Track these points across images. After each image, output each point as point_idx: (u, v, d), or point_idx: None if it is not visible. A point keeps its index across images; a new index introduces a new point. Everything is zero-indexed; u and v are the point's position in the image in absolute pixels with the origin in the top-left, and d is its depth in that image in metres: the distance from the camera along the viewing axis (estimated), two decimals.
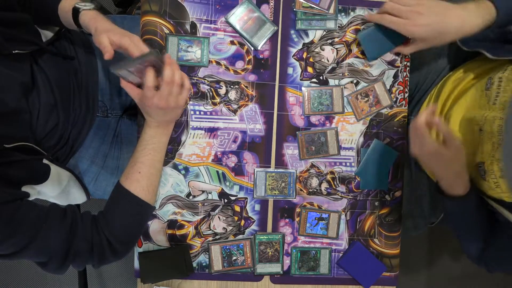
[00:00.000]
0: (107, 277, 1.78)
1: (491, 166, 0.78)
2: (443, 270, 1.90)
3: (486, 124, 0.81)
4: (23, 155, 0.77)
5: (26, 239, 0.72)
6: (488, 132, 0.80)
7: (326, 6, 0.95)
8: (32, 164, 0.80)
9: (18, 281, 1.76)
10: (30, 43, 0.83)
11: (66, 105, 0.93)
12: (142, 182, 0.84)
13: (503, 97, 0.80)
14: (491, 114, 0.81)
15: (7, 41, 0.78)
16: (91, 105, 1.02)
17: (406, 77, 0.99)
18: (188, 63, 0.94)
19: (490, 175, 0.79)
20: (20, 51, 0.80)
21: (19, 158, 0.76)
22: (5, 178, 0.72)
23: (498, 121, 0.78)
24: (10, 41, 0.79)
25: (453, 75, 0.99)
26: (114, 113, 1.10)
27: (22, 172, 0.76)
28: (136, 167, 0.85)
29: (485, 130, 0.81)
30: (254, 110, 0.96)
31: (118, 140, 1.09)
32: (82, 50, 1.01)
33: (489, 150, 0.80)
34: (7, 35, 0.78)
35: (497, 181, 0.78)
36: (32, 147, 0.80)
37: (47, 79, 0.87)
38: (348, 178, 0.98)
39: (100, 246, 0.80)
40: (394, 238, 1.00)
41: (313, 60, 0.97)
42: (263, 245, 0.96)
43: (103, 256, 0.81)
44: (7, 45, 0.77)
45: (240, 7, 0.94)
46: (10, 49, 0.78)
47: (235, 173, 0.96)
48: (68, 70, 0.95)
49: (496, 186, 0.78)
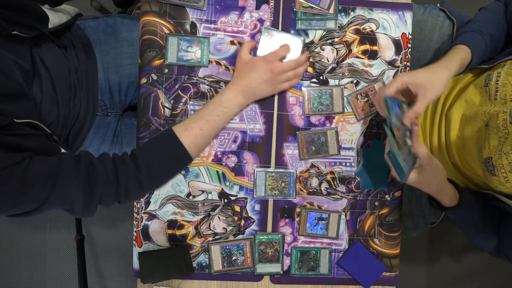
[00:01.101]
0: (107, 277, 1.78)
1: (499, 160, 0.78)
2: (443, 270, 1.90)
3: (492, 119, 0.81)
4: (34, 130, 0.77)
5: (44, 193, 0.74)
6: (494, 126, 0.80)
7: (326, 6, 0.95)
8: (43, 139, 0.80)
9: (18, 281, 1.76)
10: (31, 28, 0.83)
11: (66, 101, 0.93)
12: (199, 140, 0.85)
13: (503, 92, 0.80)
14: (494, 109, 0.81)
15: (7, 22, 0.78)
16: (91, 103, 1.02)
17: None
18: (188, 63, 0.94)
19: (499, 170, 0.79)
20: (20, 33, 0.79)
21: (30, 132, 0.76)
22: (15, 145, 0.73)
23: (502, 115, 0.79)
24: (10, 23, 0.78)
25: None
26: (114, 112, 1.10)
27: (34, 144, 0.76)
28: (200, 123, 0.85)
29: (491, 125, 0.81)
30: (254, 110, 0.96)
31: (118, 140, 1.09)
32: (82, 49, 1.01)
33: (495, 144, 0.80)
34: (7, 17, 0.78)
35: (506, 175, 0.78)
36: (41, 127, 0.79)
37: (48, 72, 0.87)
38: (348, 178, 0.98)
39: (126, 186, 0.81)
40: (394, 238, 1.00)
41: (313, 60, 0.97)
42: (263, 245, 0.96)
43: (130, 195, 0.83)
44: (6, 25, 0.77)
45: (262, 39, 0.94)
46: (9, 29, 0.77)
47: (235, 173, 0.96)
48: (68, 67, 0.95)
49: (506, 180, 0.79)
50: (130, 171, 0.81)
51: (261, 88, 0.89)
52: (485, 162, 0.82)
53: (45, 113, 0.85)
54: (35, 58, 0.85)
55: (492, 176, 0.81)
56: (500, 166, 0.79)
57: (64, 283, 1.77)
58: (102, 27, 1.06)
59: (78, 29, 1.03)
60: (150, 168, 0.82)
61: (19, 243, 1.74)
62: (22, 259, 1.75)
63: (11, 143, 0.72)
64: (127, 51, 1.07)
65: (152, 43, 0.93)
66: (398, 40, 0.98)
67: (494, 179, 0.81)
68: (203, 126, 0.85)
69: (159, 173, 0.86)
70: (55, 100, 0.88)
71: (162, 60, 0.93)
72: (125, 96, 1.11)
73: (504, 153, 0.78)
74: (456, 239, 1.89)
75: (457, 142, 0.93)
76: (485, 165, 0.82)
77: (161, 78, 0.94)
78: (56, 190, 0.74)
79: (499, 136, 0.80)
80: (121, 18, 1.10)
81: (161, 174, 0.87)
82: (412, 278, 1.89)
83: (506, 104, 0.80)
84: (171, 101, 0.94)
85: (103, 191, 0.79)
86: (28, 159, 0.73)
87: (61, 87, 0.91)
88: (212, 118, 0.86)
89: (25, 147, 0.74)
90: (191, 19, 0.94)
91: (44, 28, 0.87)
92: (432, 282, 1.90)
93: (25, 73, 0.80)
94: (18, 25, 0.80)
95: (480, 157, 0.84)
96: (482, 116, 0.84)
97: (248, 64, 0.89)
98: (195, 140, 0.85)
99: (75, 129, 0.97)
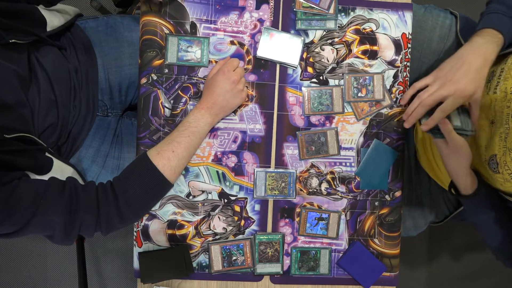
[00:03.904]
0: (107, 277, 1.78)
1: (504, 157, 0.78)
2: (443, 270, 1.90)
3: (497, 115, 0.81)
4: (25, 145, 0.77)
5: (26, 216, 0.73)
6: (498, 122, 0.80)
7: (326, 6, 0.95)
8: (34, 154, 0.80)
9: (18, 281, 1.76)
10: (29, 33, 0.83)
11: (66, 103, 0.93)
12: (172, 162, 0.85)
13: (504, 85, 0.80)
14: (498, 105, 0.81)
15: (5, 31, 0.77)
16: (91, 104, 1.02)
17: (406, 77, 0.99)
18: (188, 63, 0.94)
19: (503, 167, 0.78)
20: (18, 41, 0.79)
21: (21, 148, 0.76)
22: (5, 164, 0.72)
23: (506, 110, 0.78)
24: (7, 31, 0.78)
25: None
26: (114, 113, 1.10)
27: (24, 160, 0.76)
28: (172, 146, 0.85)
29: (497, 122, 0.81)
30: (254, 110, 0.96)
31: (118, 140, 1.09)
32: (82, 50, 1.01)
33: (497, 141, 0.80)
34: (5, 25, 0.78)
35: (511, 172, 0.78)
36: (33, 139, 0.80)
37: (46, 75, 0.87)
38: (348, 178, 0.98)
39: (107, 215, 0.80)
40: (394, 238, 1.00)
41: (313, 60, 0.97)
42: (263, 245, 0.96)
43: (111, 224, 0.82)
44: (3, 35, 0.77)
45: (262, 39, 0.94)
46: (6, 38, 0.77)
47: (235, 173, 0.96)
48: (68, 68, 0.95)
49: (511, 177, 0.78)
50: (109, 199, 0.80)
51: (227, 99, 0.89)
52: (489, 160, 0.82)
53: (42, 117, 0.85)
54: (34, 62, 0.85)
55: (496, 174, 0.80)
56: (504, 163, 0.78)
57: (64, 283, 1.77)
58: (102, 27, 1.06)
59: (78, 29, 1.03)
60: (127, 193, 0.82)
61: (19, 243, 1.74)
62: (22, 259, 1.75)
63: (1, 162, 0.71)
64: (127, 51, 1.07)
65: (152, 43, 0.93)
66: (398, 40, 0.98)
67: (498, 177, 0.80)
68: (175, 148, 0.85)
69: (137, 199, 0.84)
70: (53, 103, 0.88)
71: (162, 60, 0.93)
72: (125, 96, 1.11)
73: (509, 150, 0.77)
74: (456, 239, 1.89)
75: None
76: (489, 163, 0.82)
77: (161, 78, 0.94)
78: (37, 215, 0.74)
79: (500, 132, 0.79)
80: (121, 18, 1.09)
81: (139, 200, 0.84)
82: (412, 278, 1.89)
83: (506, 97, 0.79)
84: (171, 101, 0.94)
85: (84, 218, 0.79)
86: (16, 180, 0.73)
87: (61, 89, 0.90)
88: (182, 139, 0.86)
89: (16, 165, 0.74)
90: (191, 19, 0.94)
91: (43, 32, 0.87)
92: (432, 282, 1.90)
93: (22, 80, 0.80)
94: (16, 32, 0.80)
95: (486, 156, 0.83)
96: (487, 114, 0.84)
97: (209, 82, 0.90)
98: (168, 162, 0.84)
99: (75, 130, 0.97)
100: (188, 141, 0.87)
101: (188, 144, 0.87)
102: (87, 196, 0.80)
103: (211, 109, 0.89)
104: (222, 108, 0.90)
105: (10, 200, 0.71)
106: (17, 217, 0.73)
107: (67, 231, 0.78)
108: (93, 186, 0.82)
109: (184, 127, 0.87)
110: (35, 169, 0.79)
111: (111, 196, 0.81)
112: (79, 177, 0.93)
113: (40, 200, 0.74)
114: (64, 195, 0.77)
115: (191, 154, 0.90)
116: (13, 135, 0.74)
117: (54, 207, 0.76)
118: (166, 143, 0.86)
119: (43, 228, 0.77)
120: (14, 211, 0.72)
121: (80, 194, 0.79)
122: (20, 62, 0.81)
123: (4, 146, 0.73)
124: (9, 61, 0.78)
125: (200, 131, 0.88)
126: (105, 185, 0.83)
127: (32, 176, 0.78)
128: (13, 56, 0.80)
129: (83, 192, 0.80)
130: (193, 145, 0.88)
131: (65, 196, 0.77)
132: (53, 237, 0.80)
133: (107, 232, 0.84)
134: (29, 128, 0.81)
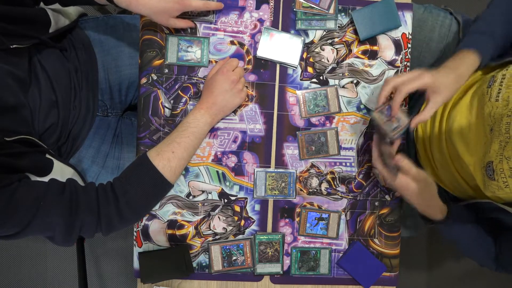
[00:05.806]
0: (107, 277, 1.78)
1: (500, 165, 0.78)
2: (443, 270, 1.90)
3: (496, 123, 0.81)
4: (25, 148, 0.77)
5: (26, 218, 0.73)
6: (497, 130, 0.80)
7: (326, 6, 0.95)
8: (34, 156, 0.80)
9: (18, 281, 1.76)
10: (30, 37, 0.83)
11: (66, 103, 0.93)
12: (172, 163, 0.85)
13: (506, 93, 0.80)
14: (498, 112, 0.81)
15: (6, 36, 0.78)
16: (91, 104, 1.02)
17: None
18: (188, 63, 0.94)
19: (499, 174, 0.79)
20: (19, 46, 0.79)
21: (21, 150, 0.76)
22: (6, 167, 0.73)
23: (505, 119, 0.78)
24: (8, 36, 0.78)
25: None
26: (114, 113, 1.10)
27: (24, 162, 0.76)
28: (171, 146, 0.85)
29: (495, 129, 0.81)
30: (254, 110, 0.96)
31: (118, 140, 1.09)
32: (83, 50, 1.01)
33: (496, 148, 0.80)
34: (6, 30, 0.78)
35: (506, 180, 0.78)
36: (33, 141, 0.80)
37: (47, 76, 0.87)
38: (348, 178, 0.98)
39: (107, 215, 0.81)
40: (394, 238, 1.00)
41: (313, 60, 0.97)
42: (263, 245, 0.96)
43: (111, 225, 0.82)
44: (5, 40, 0.77)
45: (262, 39, 0.94)
46: (7, 43, 0.77)
47: (235, 173, 0.96)
48: (68, 68, 0.95)
49: (505, 185, 0.78)
50: (110, 199, 0.81)
51: (227, 99, 0.89)
52: (486, 167, 0.82)
53: (43, 117, 0.85)
54: (35, 64, 0.85)
55: (491, 181, 0.81)
56: (500, 171, 0.78)
57: (64, 283, 1.77)
58: (102, 27, 1.06)
59: (78, 29, 1.03)
60: (127, 194, 0.82)
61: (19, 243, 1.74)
62: (22, 259, 1.75)
63: (1, 164, 0.72)
64: (127, 51, 1.07)
65: (152, 43, 0.93)
66: (398, 40, 0.98)
67: (493, 184, 0.81)
68: (175, 148, 0.85)
69: (137, 199, 0.84)
70: (54, 103, 0.89)
71: (162, 60, 0.93)
72: (125, 96, 1.11)
73: (506, 158, 0.77)
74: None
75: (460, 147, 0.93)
76: (486, 169, 0.82)
77: (161, 78, 0.94)
78: (38, 217, 0.74)
79: (500, 140, 0.79)
80: (121, 18, 1.10)
81: (139, 200, 0.85)
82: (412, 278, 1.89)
83: (508, 105, 0.79)
84: (171, 101, 0.94)
85: (84, 219, 0.79)
86: (17, 182, 0.73)
87: (61, 90, 0.91)
88: (182, 140, 0.86)
89: (16, 167, 0.74)
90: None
91: (45, 34, 0.88)
92: (432, 282, 1.90)
93: (20, 82, 0.80)
94: (17, 37, 0.80)
95: (483, 162, 0.83)
96: (487, 120, 0.84)
97: (209, 82, 0.90)
98: (168, 163, 0.84)
99: (75, 130, 0.97)
100: (188, 141, 0.87)
101: (188, 144, 0.87)
102: (87, 197, 0.80)
103: (210, 109, 0.89)
104: (222, 108, 0.90)
105: (11, 202, 0.71)
106: (17, 219, 0.73)
107: (67, 232, 0.79)
108: (93, 187, 0.82)
109: (183, 128, 0.87)
110: (36, 171, 0.79)
111: (111, 197, 0.81)
112: (79, 178, 0.93)
113: (40, 202, 0.74)
114: (64, 196, 0.78)
115: (191, 154, 0.90)
116: (13, 137, 0.75)
117: (54, 209, 0.76)
118: (166, 144, 0.86)
119: (44, 229, 0.77)
120: (14, 213, 0.72)
121: (80, 195, 0.79)
122: (20, 64, 0.81)
123: (5, 149, 0.73)
124: (7, 64, 0.78)
125: (199, 131, 0.88)
126: (105, 186, 0.83)
127: (32, 177, 0.78)
128: (13, 59, 0.80)
129: (83, 193, 0.80)
130: (193, 146, 0.88)
131: (65, 198, 0.77)
132: (54, 238, 0.81)
133: (107, 232, 0.84)
134: (30, 129, 0.81)
